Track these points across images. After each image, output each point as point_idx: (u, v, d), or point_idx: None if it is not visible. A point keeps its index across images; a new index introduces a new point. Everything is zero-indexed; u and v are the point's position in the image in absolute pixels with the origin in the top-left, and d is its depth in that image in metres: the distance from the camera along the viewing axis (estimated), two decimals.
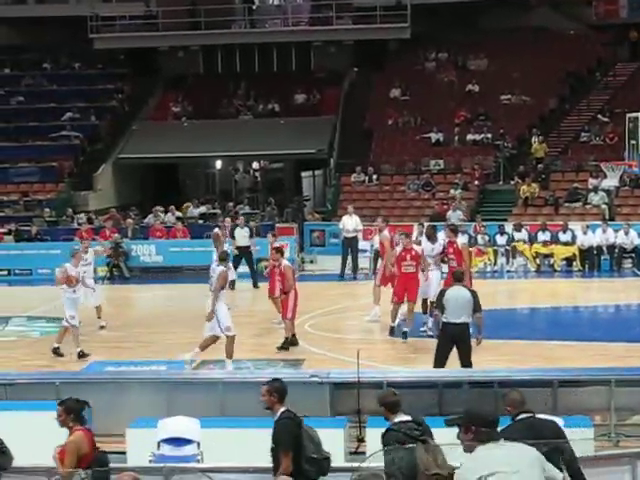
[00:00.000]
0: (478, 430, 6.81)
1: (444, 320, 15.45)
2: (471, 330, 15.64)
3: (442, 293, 15.78)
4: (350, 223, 29.62)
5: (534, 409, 12.37)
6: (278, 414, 9.38)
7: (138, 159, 40.24)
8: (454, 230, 20.51)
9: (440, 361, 15.43)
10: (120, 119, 43.04)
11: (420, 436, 8.54)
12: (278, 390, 9.46)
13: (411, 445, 8.37)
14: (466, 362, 15.34)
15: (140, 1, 44.40)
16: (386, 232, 22.99)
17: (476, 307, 15.42)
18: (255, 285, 27.28)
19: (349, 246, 29.58)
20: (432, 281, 19.50)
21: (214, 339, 17.45)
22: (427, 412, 13.39)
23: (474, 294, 15.58)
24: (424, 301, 19.66)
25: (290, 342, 18.89)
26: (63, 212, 35.81)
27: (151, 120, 43.31)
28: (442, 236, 20.75)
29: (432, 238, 19.98)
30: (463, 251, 19.38)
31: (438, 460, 7.80)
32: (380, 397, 9.01)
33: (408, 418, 8.72)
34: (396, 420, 8.76)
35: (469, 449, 6.77)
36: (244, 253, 28.25)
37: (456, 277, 16.15)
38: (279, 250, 19.73)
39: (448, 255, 19.61)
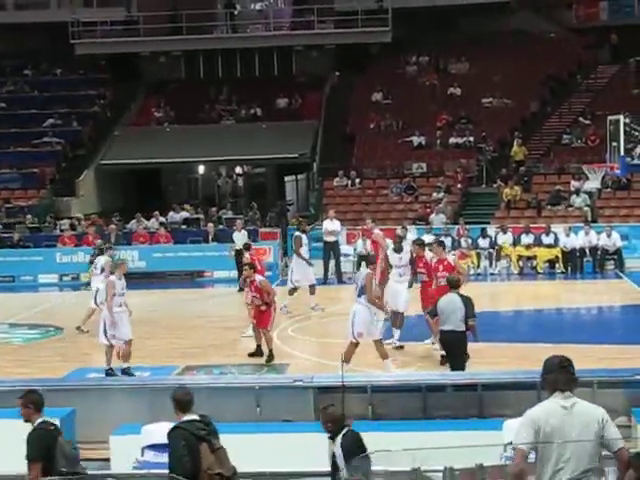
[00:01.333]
0: None
1: (440, 328, 15.47)
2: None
3: (436, 302, 15.79)
4: (331, 227, 29.61)
5: (519, 411, 12.41)
6: (35, 425, 9.33)
7: (120, 165, 40.16)
8: (421, 245, 19.88)
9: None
10: (102, 125, 42.95)
11: (207, 435, 8.60)
12: (34, 401, 9.48)
13: (198, 443, 8.50)
14: (456, 367, 15.29)
15: (121, 6, 44.34)
16: (377, 230, 23.13)
17: (468, 313, 15.36)
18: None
19: (331, 250, 29.57)
20: (400, 292, 18.87)
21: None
22: (412, 415, 13.46)
23: (466, 301, 15.53)
24: (393, 313, 19.07)
25: (259, 352, 18.47)
26: (45, 219, 35.71)
27: (133, 126, 43.23)
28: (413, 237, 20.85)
29: (399, 249, 19.45)
30: (456, 266, 18.82)
31: (221, 460, 8.02)
32: (174, 393, 9.02)
33: (196, 417, 8.77)
34: (184, 419, 8.80)
35: None
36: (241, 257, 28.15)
37: (451, 284, 16.06)
38: (251, 266, 19.30)
39: (438, 272, 18.93)
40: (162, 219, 34.75)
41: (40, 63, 45.62)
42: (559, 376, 7.01)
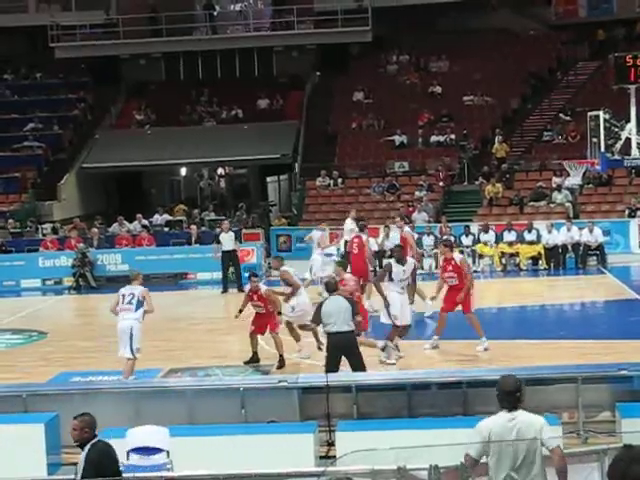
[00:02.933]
0: None
1: (328, 331, 15.40)
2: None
3: (320, 305, 15.74)
4: (352, 226, 29.47)
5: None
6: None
7: (102, 168, 40.10)
8: (449, 245, 19.93)
9: (331, 370, 15.07)
10: (83, 128, 42.86)
11: None
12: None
13: None
14: (357, 368, 15.12)
15: (100, 9, 44.19)
16: (408, 228, 23.54)
17: (354, 312, 15.36)
18: (240, 289, 26.98)
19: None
20: (395, 302, 18.19)
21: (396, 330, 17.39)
22: (396, 414, 13.47)
23: (351, 301, 15.56)
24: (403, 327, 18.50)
25: (256, 359, 18.27)
26: (27, 223, 35.57)
27: (114, 128, 43.17)
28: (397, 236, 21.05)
29: (402, 260, 18.44)
30: (462, 266, 18.76)
31: None
32: None
33: None
34: None
35: None
36: (231, 257, 28.16)
37: (329, 288, 16.05)
38: (257, 275, 19.44)
39: (446, 272, 18.93)
40: (145, 222, 34.68)
41: (20, 67, 45.47)
42: (507, 400, 8.33)
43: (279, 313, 18.19)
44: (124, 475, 10.25)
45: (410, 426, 12.52)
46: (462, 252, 30.07)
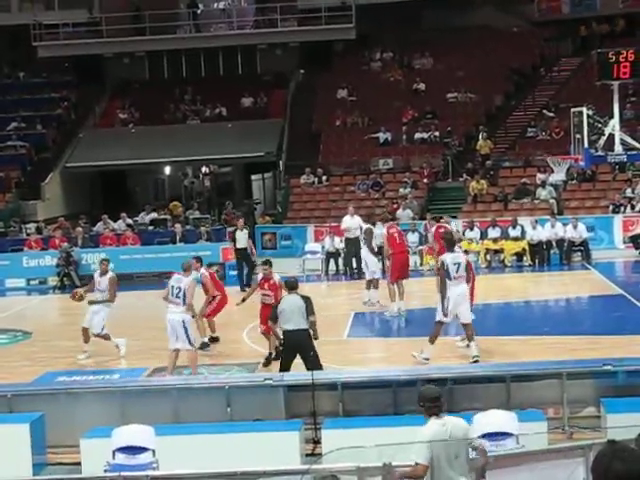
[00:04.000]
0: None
1: (284, 329, 15.43)
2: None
3: (277, 304, 15.86)
4: (352, 223, 29.44)
5: (488, 405, 12.49)
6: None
7: (86, 167, 40.00)
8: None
9: (285, 368, 15.27)
10: (66, 127, 42.74)
11: None
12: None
13: None
14: (313, 366, 14.89)
15: (83, 8, 44.06)
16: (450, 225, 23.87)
17: (309, 311, 15.37)
18: (243, 288, 26.99)
19: (352, 246, 29.37)
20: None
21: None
22: (382, 411, 13.49)
23: (306, 300, 15.55)
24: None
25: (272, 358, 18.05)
26: (10, 223, 35.45)
27: (98, 127, 43.06)
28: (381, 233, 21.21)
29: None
30: (469, 265, 18.67)
31: None
32: None
33: None
34: None
35: None
36: (244, 255, 28.04)
37: (289, 285, 16.13)
38: (270, 263, 19.53)
39: None
40: (129, 220, 34.62)
41: (2, 66, 45.31)
42: (436, 406, 9.02)
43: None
44: (110, 474, 10.26)
45: (396, 423, 12.54)
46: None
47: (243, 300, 18.72)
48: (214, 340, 20.00)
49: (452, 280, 17.17)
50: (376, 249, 24.10)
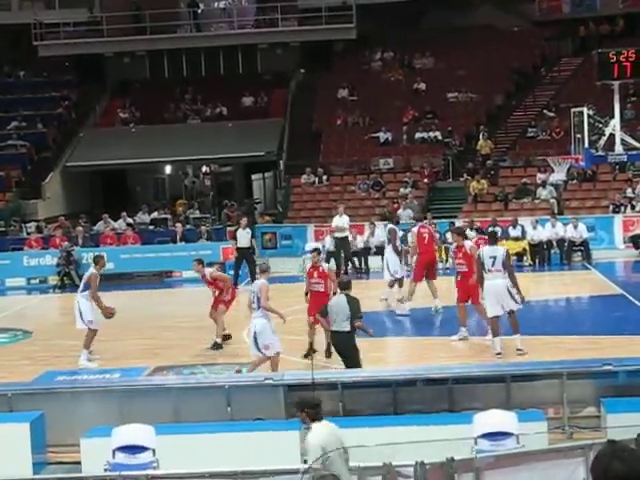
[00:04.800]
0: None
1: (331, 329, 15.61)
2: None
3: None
4: (341, 222, 29.51)
5: (489, 404, 12.49)
6: None
7: (86, 166, 39.99)
8: (461, 233, 20.35)
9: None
10: (67, 126, 42.74)
11: None
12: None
13: None
14: (352, 367, 15.23)
15: (84, 7, 44.06)
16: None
17: (354, 314, 15.42)
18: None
19: (341, 247, 29.43)
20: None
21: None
22: (382, 411, 13.49)
23: (353, 301, 15.57)
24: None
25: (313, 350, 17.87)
26: (11, 222, 35.44)
27: (98, 127, 43.06)
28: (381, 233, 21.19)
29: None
30: (472, 254, 18.93)
31: None
32: None
33: None
34: None
35: None
36: (245, 254, 28.02)
37: (341, 286, 16.23)
38: (319, 251, 19.73)
39: (456, 259, 19.40)
40: (129, 220, 34.63)
41: (3, 66, 45.31)
42: (317, 412, 9.48)
43: (334, 294, 17.90)
44: (110, 473, 10.26)
45: (396, 423, 12.55)
46: (447, 249, 30.20)
47: (306, 294, 18.71)
48: (227, 337, 20.03)
49: (487, 273, 17.52)
50: (400, 248, 23.96)
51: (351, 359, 15.37)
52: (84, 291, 19.13)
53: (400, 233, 24.48)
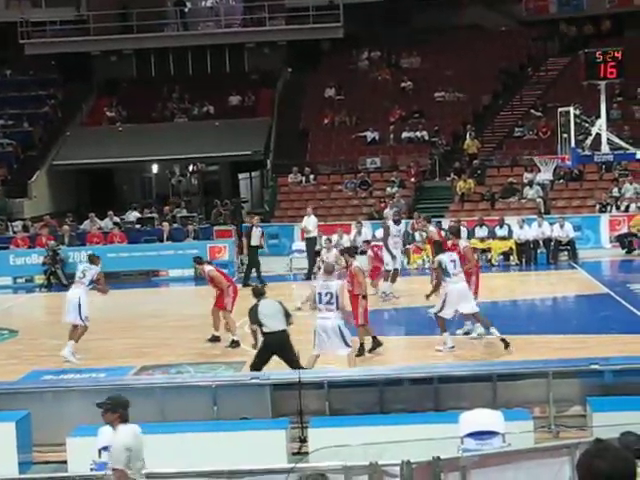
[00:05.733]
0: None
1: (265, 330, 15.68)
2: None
3: (255, 306, 15.98)
4: (309, 223, 29.52)
5: (475, 404, 12.50)
6: None
7: (73, 165, 39.92)
8: (455, 233, 20.66)
9: (257, 367, 15.50)
10: (53, 125, 42.66)
11: None
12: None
13: None
14: (295, 366, 15.32)
15: (70, 6, 43.98)
16: (432, 227, 24.64)
17: (288, 313, 15.77)
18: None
19: (308, 247, 29.41)
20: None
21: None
22: (369, 410, 13.50)
23: (281, 304, 15.93)
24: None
25: (374, 345, 18.14)
26: None
27: (85, 125, 43.00)
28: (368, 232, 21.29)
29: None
30: (467, 253, 19.09)
31: None
32: None
33: None
34: None
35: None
36: (255, 253, 28.11)
37: (255, 293, 16.41)
38: (347, 250, 19.80)
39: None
40: (116, 219, 34.55)
41: None
42: (126, 414, 9.54)
43: (364, 297, 17.97)
44: (96, 473, 10.23)
45: (382, 422, 12.56)
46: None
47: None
48: (216, 339, 19.98)
49: (451, 277, 17.92)
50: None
51: (293, 357, 15.40)
52: (89, 285, 19.43)
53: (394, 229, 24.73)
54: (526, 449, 9.90)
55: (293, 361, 15.35)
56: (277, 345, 15.47)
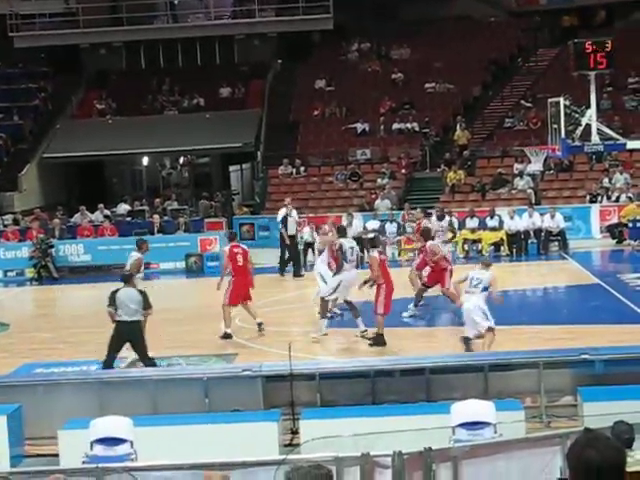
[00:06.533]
0: None
1: (118, 319, 16.00)
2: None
3: (114, 293, 16.26)
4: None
5: (466, 394, 12.52)
6: None
7: (63, 158, 39.84)
8: (426, 234, 21.21)
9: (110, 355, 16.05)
10: (43, 118, 42.56)
11: None
12: None
13: None
14: (143, 358, 15.97)
15: None
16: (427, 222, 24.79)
17: (146, 305, 16.06)
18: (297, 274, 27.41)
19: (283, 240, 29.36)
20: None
21: None
22: (360, 401, 13.51)
23: (143, 293, 16.15)
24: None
25: (379, 340, 18.08)
26: None
27: (75, 118, 42.90)
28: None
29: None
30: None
31: None
32: None
33: None
34: None
35: None
36: (291, 241, 28.04)
37: (124, 279, 16.65)
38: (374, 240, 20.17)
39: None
40: (106, 212, 34.51)
41: None
42: None
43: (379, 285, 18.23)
44: (88, 466, 10.22)
45: (374, 413, 12.57)
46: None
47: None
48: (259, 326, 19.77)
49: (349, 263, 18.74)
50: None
51: (142, 347, 16.01)
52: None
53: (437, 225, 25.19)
54: (517, 439, 9.91)
55: (143, 353, 15.95)
56: (129, 335, 15.98)
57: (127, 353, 16.93)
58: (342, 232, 19.90)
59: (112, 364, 16.10)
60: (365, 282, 18.40)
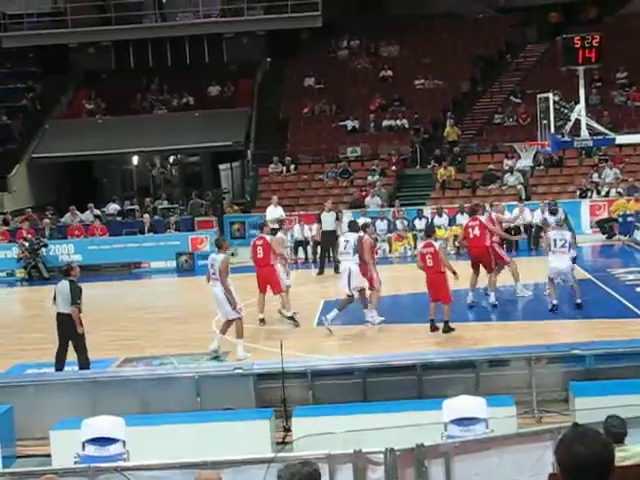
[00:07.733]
0: None
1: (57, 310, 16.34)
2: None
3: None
4: (275, 214, 29.53)
5: (458, 390, 12.54)
6: None
7: (52, 158, 39.78)
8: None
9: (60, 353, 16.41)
10: (32, 118, 42.46)
11: None
12: None
13: None
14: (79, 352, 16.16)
15: None
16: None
17: (73, 300, 16.15)
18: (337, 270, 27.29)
19: None
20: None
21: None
22: (352, 398, 13.52)
23: (73, 286, 16.22)
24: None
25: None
26: None
27: (64, 118, 42.79)
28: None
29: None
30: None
31: None
32: None
33: None
34: None
35: None
36: (331, 237, 27.62)
37: (63, 272, 16.89)
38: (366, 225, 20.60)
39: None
40: (97, 211, 34.47)
41: None
42: None
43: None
44: (80, 466, 10.21)
45: (366, 410, 12.58)
46: (415, 236, 30.25)
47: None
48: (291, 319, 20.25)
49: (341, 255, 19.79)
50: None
51: (78, 341, 16.14)
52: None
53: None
54: (509, 435, 9.93)
55: (78, 347, 16.08)
56: (64, 328, 16.18)
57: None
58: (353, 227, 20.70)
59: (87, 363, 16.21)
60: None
